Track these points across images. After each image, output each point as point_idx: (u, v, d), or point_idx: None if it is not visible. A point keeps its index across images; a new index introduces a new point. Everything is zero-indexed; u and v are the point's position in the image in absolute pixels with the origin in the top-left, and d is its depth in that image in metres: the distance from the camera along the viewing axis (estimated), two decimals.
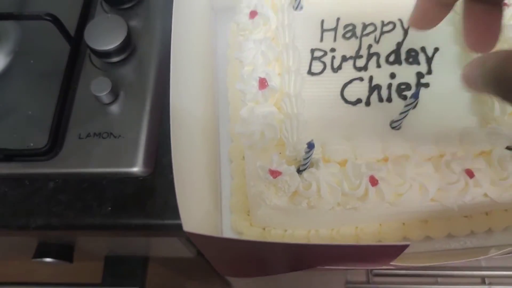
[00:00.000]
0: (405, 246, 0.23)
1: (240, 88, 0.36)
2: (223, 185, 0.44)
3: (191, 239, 0.27)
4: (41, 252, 0.59)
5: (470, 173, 0.32)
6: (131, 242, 0.64)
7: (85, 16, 0.55)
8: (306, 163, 0.32)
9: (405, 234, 0.36)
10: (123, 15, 0.53)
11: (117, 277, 0.71)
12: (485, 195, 0.33)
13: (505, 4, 0.39)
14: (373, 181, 0.32)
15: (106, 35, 0.50)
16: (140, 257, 0.74)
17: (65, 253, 0.61)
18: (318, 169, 0.33)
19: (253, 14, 0.38)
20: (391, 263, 0.27)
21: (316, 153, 0.34)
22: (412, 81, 0.39)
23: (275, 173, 0.32)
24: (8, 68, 0.53)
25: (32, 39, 0.54)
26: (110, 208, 0.46)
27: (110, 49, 0.49)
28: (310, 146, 0.29)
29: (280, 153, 0.35)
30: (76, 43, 0.53)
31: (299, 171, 0.33)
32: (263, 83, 0.35)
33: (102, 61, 0.52)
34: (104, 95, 0.48)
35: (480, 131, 0.35)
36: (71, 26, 0.53)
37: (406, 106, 0.33)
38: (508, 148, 0.35)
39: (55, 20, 0.50)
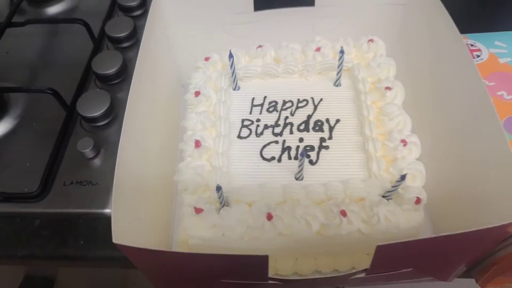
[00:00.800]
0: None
1: (181, 147, 0.48)
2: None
3: (122, 251, 0.37)
4: (25, 284, 0.68)
5: (343, 213, 0.43)
6: (108, 278, 0.73)
7: (80, 90, 0.69)
8: (221, 202, 0.43)
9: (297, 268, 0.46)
10: (110, 89, 0.68)
11: None
12: (359, 230, 0.43)
13: None
14: (269, 217, 0.42)
15: (93, 104, 0.64)
16: None
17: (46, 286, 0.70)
18: (231, 208, 0.44)
19: (197, 93, 0.52)
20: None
21: (233, 196, 0.45)
22: (316, 144, 0.51)
23: (198, 210, 0.43)
24: (15, 129, 0.67)
25: (36, 107, 0.69)
26: (82, 242, 0.56)
27: (95, 115, 0.63)
28: (217, 188, 0.41)
29: (209, 196, 0.46)
30: (71, 110, 0.67)
31: (219, 210, 0.44)
32: (197, 144, 0.47)
33: (90, 125, 0.66)
34: (87, 151, 0.61)
35: (361, 183, 0.46)
36: (68, 96, 0.68)
37: (299, 160, 0.45)
38: (383, 196, 0.46)
39: (55, 93, 0.64)
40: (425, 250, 0.38)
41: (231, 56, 0.51)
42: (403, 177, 0.41)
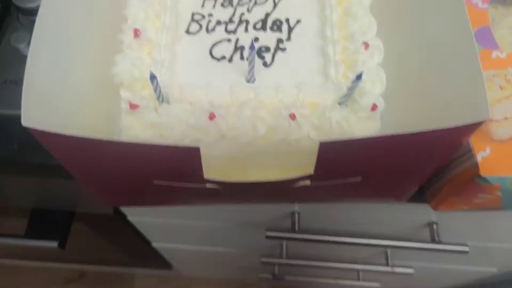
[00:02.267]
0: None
1: (119, 37, 0.43)
2: None
3: (36, 137, 0.33)
4: None
5: (293, 116, 0.39)
6: (52, 192, 0.70)
7: None
8: (158, 96, 0.39)
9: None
10: None
11: (40, 230, 0.76)
12: (308, 136, 0.40)
13: None
14: (212, 116, 0.38)
15: None
16: (65, 212, 0.79)
17: None
18: (170, 105, 0.39)
19: None
20: None
21: (174, 93, 0.41)
22: (272, 45, 0.46)
23: (133, 106, 0.39)
24: None
25: None
26: (16, 147, 0.52)
27: (33, 6, 0.55)
28: (151, 77, 0.36)
29: (148, 94, 0.42)
30: (8, 2, 0.58)
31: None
32: (136, 33, 0.42)
33: (28, 18, 0.58)
34: (22, 46, 0.54)
35: (315, 87, 0.42)
36: None
37: (249, 55, 0.40)
38: (339, 103, 0.42)
39: None
40: (374, 153, 0.35)
41: None
42: (359, 77, 0.37)
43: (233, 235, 0.87)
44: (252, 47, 0.39)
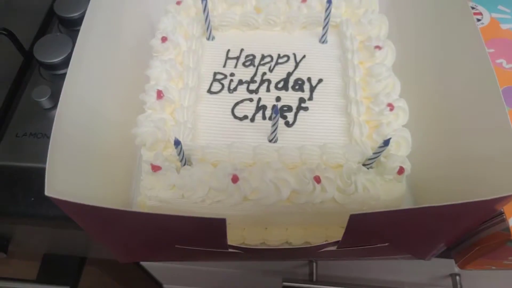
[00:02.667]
0: None
1: (141, 98, 0.43)
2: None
3: (59, 205, 0.32)
4: None
5: (317, 179, 0.38)
6: (65, 239, 0.69)
7: (41, 34, 0.62)
8: (181, 160, 0.38)
9: (266, 238, 0.41)
10: (75, 35, 0.61)
11: (52, 274, 0.74)
12: (333, 199, 0.39)
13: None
14: (235, 179, 0.38)
15: (53, 50, 0.57)
16: (77, 257, 0.77)
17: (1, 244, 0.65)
18: (192, 167, 0.39)
19: (164, 39, 0.46)
20: None
21: (196, 154, 0.40)
22: (294, 105, 0.46)
23: (155, 168, 0.38)
24: None
25: None
26: (33, 199, 0.51)
27: (55, 62, 0.57)
28: (176, 143, 0.36)
29: (170, 154, 0.41)
30: (29, 56, 0.60)
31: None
32: (159, 94, 0.42)
33: (49, 73, 0.59)
34: (43, 100, 0.55)
35: (339, 148, 0.41)
36: (27, 42, 0.61)
37: (273, 119, 0.40)
38: (363, 164, 0.41)
39: (10, 35, 0.57)
40: (403, 223, 0.34)
41: None
42: (386, 142, 0.36)
43: (247, 282, 0.84)
44: (276, 111, 0.39)
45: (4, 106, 0.56)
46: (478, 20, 0.53)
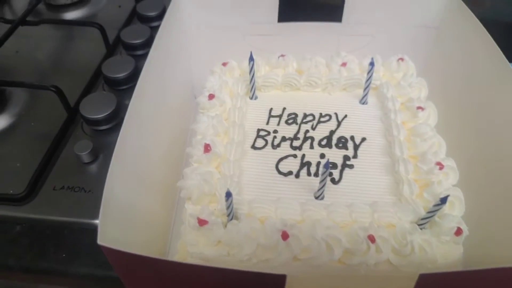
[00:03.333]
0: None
1: (188, 151, 0.43)
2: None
3: (107, 255, 0.31)
4: None
5: (372, 239, 0.36)
6: None
7: (86, 92, 0.65)
8: (230, 213, 0.37)
9: None
10: (118, 94, 0.64)
11: None
12: (387, 261, 0.37)
13: None
14: (285, 236, 0.36)
15: (98, 107, 0.60)
16: None
17: None
18: (240, 222, 0.37)
19: (211, 96, 0.47)
20: None
21: (243, 209, 0.39)
22: (339, 162, 0.45)
23: (202, 222, 0.37)
24: (11, 127, 0.62)
25: (37, 106, 0.64)
26: (64, 255, 0.49)
27: (98, 118, 0.59)
28: (227, 195, 0.35)
29: (215, 209, 0.40)
30: (73, 112, 0.62)
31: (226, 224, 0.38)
32: (207, 148, 0.42)
33: (91, 128, 0.61)
34: (84, 154, 0.56)
35: (390, 207, 0.40)
36: (73, 99, 0.63)
37: (322, 175, 0.39)
38: (417, 225, 0.39)
39: (59, 92, 0.60)
40: (469, 283, 0.31)
41: (251, 59, 0.47)
42: (444, 200, 0.35)
43: None
44: (326, 165, 0.38)
45: (45, 159, 0.56)
46: None
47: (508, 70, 0.43)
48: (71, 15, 0.85)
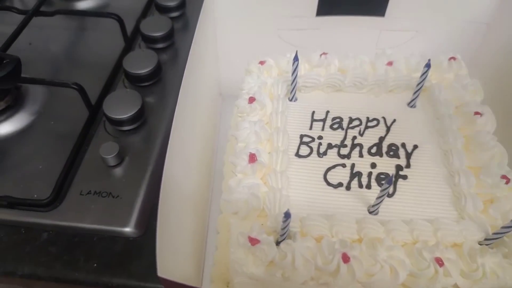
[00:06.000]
0: None
1: (232, 161, 0.40)
2: (208, 254, 0.45)
3: (164, 285, 0.28)
4: None
5: (440, 262, 0.33)
6: None
7: (107, 89, 0.62)
8: (284, 233, 0.34)
9: None
10: (140, 91, 0.60)
11: None
12: (455, 285, 0.34)
13: None
14: (346, 259, 0.33)
15: (122, 106, 0.56)
16: None
17: None
18: (295, 241, 0.35)
19: (251, 99, 0.44)
20: None
21: (295, 227, 0.36)
22: (391, 172, 0.42)
23: (254, 241, 0.34)
24: (31, 126, 0.58)
25: (56, 104, 0.61)
26: (95, 265, 0.47)
27: (123, 118, 0.55)
28: (287, 215, 0.32)
29: (262, 224, 0.37)
30: (95, 110, 0.58)
31: (277, 242, 0.35)
32: (252, 158, 0.39)
33: (115, 128, 0.57)
34: (110, 157, 0.52)
35: (454, 224, 0.37)
36: (93, 96, 0.60)
37: (382, 191, 0.36)
38: (479, 243, 0.37)
39: (81, 89, 0.56)
40: None
41: (296, 59, 0.43)
42: None
43: None
44: (389, 181, 0.35)
45: (69, 161, 0.53)
46: None
47: None
48: (84, 4, 0.80)
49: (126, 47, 0.69)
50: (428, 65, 0.43)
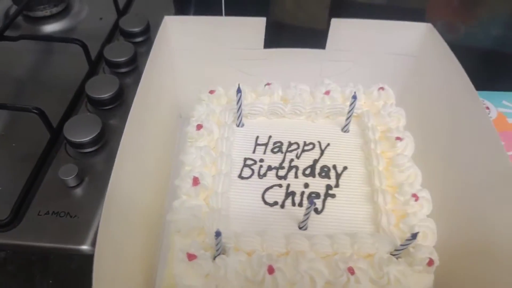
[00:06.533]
0: None
1: (177, 183, 0.44)
2: (161, 270, 0.49)
3: None
4: None
5: (351, 271, 0.39)
6: None
7: (69, 112, 0.65)
8: (218, 249, 0.39)
9: None
10: (102, 114, 0.64)
11: None
12: None
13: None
14: (271, 270, 0.38)
15: (82, 129, 0.60)
16: None
17: None
18: (228, 256, 0.39)
19: (199, 126, 0.48)
20: None
21: (230, 243, 0.41)
22: (322, 191, 0.47)
23: (191, 256, 0.39)
24: None
25: (18, 126, 0.64)
26: (51, 281, 0.50)
27: (83, 141, 0.59)
28: (217, 234, 0.36)
29: (202, 241, 0.42)
30: (56, 133, 0.62)
31: (214, 257, 0.40)
32: (195, 181, 0.43)
33: (76, 151, 0.61)
34: (69, 179, 0.56)
35: (369, 238, 0.42)
36: (56, 119, 0.63)
37: (307, 209, 0.41)
38: (391, 254, 0.42)
39: (41, 113, 0.59)
40: None
41: (239, 91, 0.48)
42: (414, 236, 0.38)
43: None
44: (311, 202, 0.40)
45: (28, 183, 0.56)
46: None
47: (476, 100, 0.46)
48: (51, 27, 0.84)
49: (90, 71, 0.73)
50: (354, 97, 0.49)
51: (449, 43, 0.54)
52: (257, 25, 0.56)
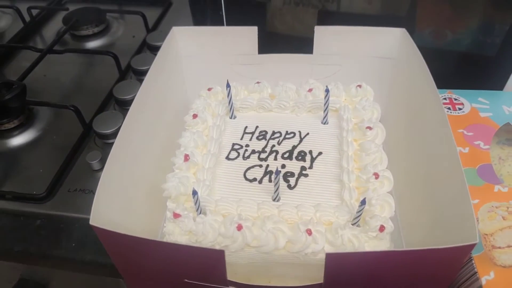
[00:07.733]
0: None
1: (172, 160, 0.53)
2: None
3: (97, 233, 0.41)
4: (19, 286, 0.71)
5: (309, 232, 0.45)
6: None
7: (100, 111, 0.77)
8: (197, 209, 0.47)
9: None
10: (125, 112, 0.75)
11: None
12: (323, 249, 0.45)
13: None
14: (239, 227, 0.45)
15: (108, 123, 0.71)
16: None
17: None
18: (206, 216, 0.47)
19: (194, 115, 0.58)
20: None
21: (210, 207, 0.49)
22: (296, 171, 0.54)
23: (176, 215, 0.47)
24: (37, 139, 0.75)
25: (59, 122, 0.77)
26: (74, 245, 0.60)
27: (107, 132, 0.70)
28: (194, 192, 0.45)
29: (188, 206, 0.50)
30: (88, 128, 0.74)
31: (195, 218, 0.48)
32: (186, 157, 0.52)
33: (102, 141, 0.73)
34: (94, 162, 0.67)
35: (331, 208, 0.49)
36: (89, 116, 0.75)
37: (275, 179, 0.49)
38: (352, 224, 0.48)
39: (76, 110, 0.72)
40: (376, 267, 0.39)
41: (228, 86, 0.57)
42: (363, 202, 0.44)
43: None
44: (277, 172, 0.48)
45: (62, 167, 0.68)
46: (460, 108, 0.63)
47: (435, 97, 0.51)
48: (92, 44, 0.99)
49: (119, 78, 0.86)
50: (327, 90, 0.56)
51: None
52: (252, 33, 0.65)
